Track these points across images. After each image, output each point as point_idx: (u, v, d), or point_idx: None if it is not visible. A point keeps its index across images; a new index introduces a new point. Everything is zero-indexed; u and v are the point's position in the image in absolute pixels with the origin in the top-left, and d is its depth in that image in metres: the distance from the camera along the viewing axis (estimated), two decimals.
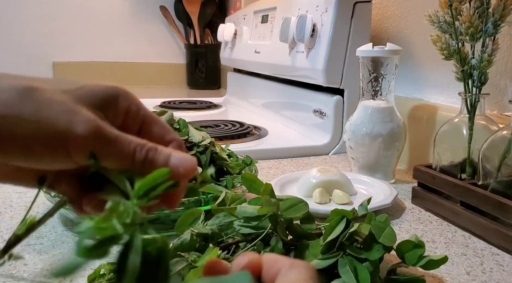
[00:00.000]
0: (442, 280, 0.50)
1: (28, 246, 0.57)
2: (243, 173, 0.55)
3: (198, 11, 2.12)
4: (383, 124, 0.81)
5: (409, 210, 0.71)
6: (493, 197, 0.58)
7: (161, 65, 2.23)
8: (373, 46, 0.81)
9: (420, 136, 0.90)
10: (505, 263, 0.55)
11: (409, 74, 0.97)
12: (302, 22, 1.03)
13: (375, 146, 0.81)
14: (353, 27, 0.99)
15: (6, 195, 0.74)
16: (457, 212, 0.64)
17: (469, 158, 0.70)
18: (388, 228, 0.46)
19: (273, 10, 1.31)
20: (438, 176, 0.68)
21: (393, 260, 0.49)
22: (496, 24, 0.64)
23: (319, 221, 0.52)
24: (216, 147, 0.69)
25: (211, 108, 1.57)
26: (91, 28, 2.11)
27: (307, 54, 1.05)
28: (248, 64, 1.46)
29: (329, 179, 0.72)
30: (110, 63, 2.14)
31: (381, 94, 0.83)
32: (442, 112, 0.84)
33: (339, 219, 0.47)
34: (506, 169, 0.60)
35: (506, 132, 0.61)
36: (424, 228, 0.65)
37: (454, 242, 0.60)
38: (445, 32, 0.69)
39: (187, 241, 0.46)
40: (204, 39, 2.17)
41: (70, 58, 2.08)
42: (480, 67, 0.67)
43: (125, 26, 2.15)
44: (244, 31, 1.50)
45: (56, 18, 2.05)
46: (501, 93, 0.78)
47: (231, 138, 1.06)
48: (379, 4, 1.06)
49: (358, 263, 0.44)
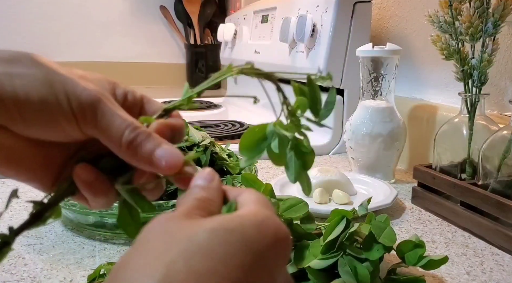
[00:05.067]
0: (442, 280, 0.50)
1: (28, 246, 0.57)
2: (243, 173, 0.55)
3: (198, 11, 2.12)
4: (383, 124, 0.81)
5: (409, 210, 0.71)
6: (493, 197, 0.58)
7: (161, 65, 2.23)
8: (373, 46, 0.81)
9: (420, 136, 0.90)
10: (505, 263, 0.55)
11: (409, 74, 0.97)
12: (302, 22, 1.03)
13: (375, 146, 0.81)
14: (353, 27, 0.99)
15: (6, 195, 0.74)
16: (457, 212, 0.64)
17: (469, 158, 0.70)
18: (388, 228, 0.46)
19: (273, 10, 1.31)
20: (438, 176, 0.68)
21: (393, 260, 0.49)
22: (496, 24, 0.64)
23: (319, 221, 0.52)
24: (216, 147, 0.69)
25: (211, 108, 1.57)
26: (91, 28, 2.11)
27: (307, 54, 1.05)
28: None
29: (329, 179, 0.72)
30: (110, 63, 2.13)
31: (381, 94, 0.83)
32: (442, 112, 0.84)
33: (339, 219, 0.47)
34: (506, 169, 0.60)
35: (506, 132, 0.61)
36: (424, 228, 0.65)
37: (454, 242, 0.60)
38: (445, 32, 0.69)
39: None
40: (204, 39, 2.17)
41: (70, 58, 2.08)
42: (480, 67, 0.67)
43: (125, 26, 2.15)
44: (244, 31, 1.50)
45: (56, 18, 2.05)
46: (501, 93, 0.78)
47: (231, 138, 1.06)
48: (379, 4, 1.06)
49: (358, 263, 0.44)
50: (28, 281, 0.49)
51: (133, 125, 0.29)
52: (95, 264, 0.53)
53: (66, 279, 0.50)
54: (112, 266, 0.45)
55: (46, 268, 0.52)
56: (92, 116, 0.28)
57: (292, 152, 0.30)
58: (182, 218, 0.24)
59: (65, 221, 0.64)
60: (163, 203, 0.57)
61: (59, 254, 0.56)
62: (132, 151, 0.28)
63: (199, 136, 0.68)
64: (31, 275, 0.51)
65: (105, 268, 0.46)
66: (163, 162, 0.28)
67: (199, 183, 0.28)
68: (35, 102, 0.27)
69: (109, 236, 0.59)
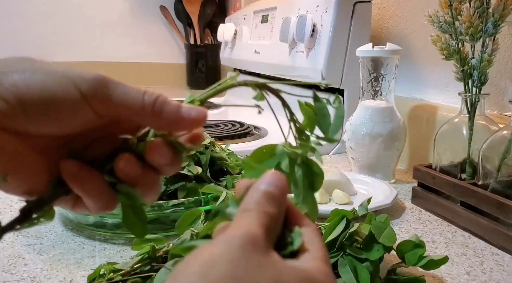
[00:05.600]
0: (442, 280, 0.50)
1: (28, 246, 0.57)
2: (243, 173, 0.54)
3: (198, 11, 2.12)
4: (383, 124, 0.81)
5: (409, 210, 0.71)
6: (493, 197, 0.58)
7: (161, 65, 2.23)
8: (373, 46, 0.81)
9: (420, 136, 0.90)
10: (505, 263, 0.55)
11: (409, 74, 0.97)
12: (302, 22, 1.03)
13: (375, 146, 0.81)
14: (353, 27, 0.99)
15: (6, 195, 0.74)
16: (457, 212, 0.64)
17: (469, 158, 0.70)
18: (388, 228, 0.46)
19: (273, 10, 1.31)
20: (438, 176, 0.68)
21: (393, 260, 0.49)
22: (496, 24, 0.64)
23: (319, 221, 0.52)
24: (216, 147, 0.69)
25: (211, 108, 1.57)
26: (91, 28, 2.11)
27: (307, 54, 1.05)
28: (248, 64, 1.46)
29: (329, 179, 0.72)
30: (110, 63, 2.13)
31: (381, 94, 0.83)
32: (442, 112, 0.84)
33: (339, 219, 0.47)
34: (506, 169, 0.60)
35: (506, 132, 0.61)
36: (424, 228, 0.65)
37: (454, 242, 0.60)
38: (445, 32, 0.69)
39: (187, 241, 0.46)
40: (204, 39, 2.17)
41: (70, 58, 2.08)
42: (480, 67, 0.67)
43: (125, 26, 2.15)
44: (244, 31, 1.50)
45: (56, 18, 2.05)
46: (501, 93, 0.78)
47: (231, 138, 1.06)
48: (379, 4, 1.06)
49: (358, 263, 0.44)
50: (28, 281, 0.49)
51: (148, 91, 0.29)
52: (95, 264, 0.53)
53: (66, 279, 0.50)
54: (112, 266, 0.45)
55: (46, 268, 0.52)
56: (103, 92, 0.27)
57: (300, 171, 0.29)
58: (263, 251, 0.22)
59: (65, 221, 0.64)
60: (163, 203, 0.57)
61: (59, 254, 0.56)
62: (157, 112, 0.28)
63: None
64: (31, 275, 0.51)
65: (105, 268, 0.46)
66: (192, 113, 0.29)
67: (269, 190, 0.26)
68: (38, 92, 0.26)
69: (109, 236, 0.59)
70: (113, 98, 0.28)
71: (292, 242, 0.25)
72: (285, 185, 0.27)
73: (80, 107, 0.27)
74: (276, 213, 0.25)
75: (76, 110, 0.27)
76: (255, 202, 0.25)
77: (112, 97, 0.28)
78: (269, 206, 0.25)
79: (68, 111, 0.27)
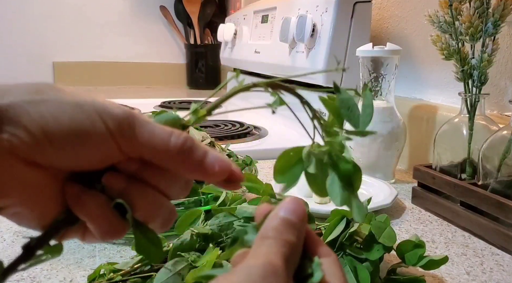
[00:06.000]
0: (442, 280, 0.50)
1: None
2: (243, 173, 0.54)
3: (198, 11, 2.12)
4: (383, 124, 0.81)
5: (409, 210, 0.71)
6: (493, 197, 0.58)
7: (161, 65, 2.23)
8: (373, 46, 0.81)
9: (420, 136, 0.90)
10: (505, 263, 0.55)
11: (409, 74, 0.97)
12: (302, 22, 1.03)
13: (375, 146, 0.81)
14: (353, 27, 0.99)
15: None
16: (457, 212, 0.64)
17: (469, 158, 0.70)
18: (388, 228, 0.46)
19: (273, 10, 1.31)
20: (438, 176, 0.68)
21: (393, 260, 0.49)
22: (496, 24, 0.64)
23: (319, 221, 0.52)
24: (216, 147, 0.69)
25: None
26: (91, 28, 2.11)
27: (307, 54, 1.05)
28: (248, 64, 1.46)
29: None
30: (110, 63, 2.14)
31: (381, 94, 0.83)
32: (442, 112, 0.84)
33: (339, 219, 0.47)
34: (506, 169, 0.60)
35: (506, 132, 0.61)
36: (424, 228, 0.65)
37: (454, 242, 0.60)
38: (445, 32, 0.69)
39: (187, 241, 0.46)
40: (204, 39, 2.17)
41: (70, 58, 2.08)
42: (480, 67, 0.67)
43: (125, 26, 2.15)
44: (244, 31, 1.50)
45: (56, 18, 2.05)
46: (501, 93, 0.78)
47: (231, 138, 1.06)
48: (379, 4, 1.06)
49: (358, 263, 0.44)
50: (28, 281, 0.49)
51: (176, 132, 0.27)
52: (95, 264, 0.53)
53: (66, 279, 0.50)
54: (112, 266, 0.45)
55: (46, 268, 0.52)
56: (130, 130, 0.26)
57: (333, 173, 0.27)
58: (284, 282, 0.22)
59: None
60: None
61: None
62: (182, 157, 0.27)
63: (199, 136, 0.68)
64: (31, 275, 0.50)
65: (105, 268, 0.46)
66: (216, 167, 0.27)
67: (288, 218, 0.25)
68: (66, 125, 0.25)
69: None
70: (139, 138, 0.27)
71: (312, 274, 0.24)
72: (304, 212, 0.26)
73: (106, 143, 0.26)
74: (295, 242, 0.25)
75: (102, 146, 0.26)
76: (274, 229, 0.25)
77: (137, 136, 0.27)
78: (288, 234, 0.24)
79: (93, 146, 0.26)
